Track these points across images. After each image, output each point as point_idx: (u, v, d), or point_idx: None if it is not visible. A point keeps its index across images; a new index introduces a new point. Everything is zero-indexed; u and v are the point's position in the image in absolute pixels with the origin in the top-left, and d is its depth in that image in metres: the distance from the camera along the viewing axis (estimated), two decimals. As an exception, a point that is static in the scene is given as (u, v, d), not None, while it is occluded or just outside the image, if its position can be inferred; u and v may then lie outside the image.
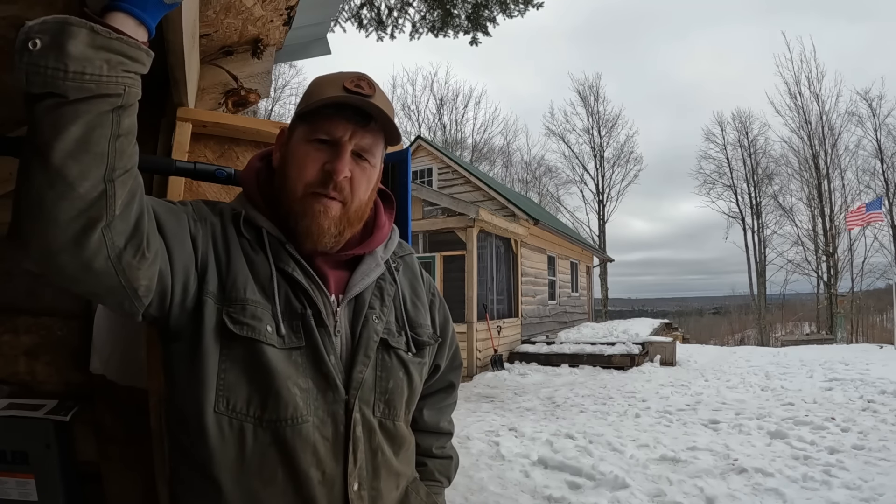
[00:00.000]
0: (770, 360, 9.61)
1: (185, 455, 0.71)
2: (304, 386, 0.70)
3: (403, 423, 0.82)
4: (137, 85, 0.55)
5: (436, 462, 0.98)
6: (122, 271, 0.56)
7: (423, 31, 5.54)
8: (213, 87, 1.60)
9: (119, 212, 0.54)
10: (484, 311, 9.09)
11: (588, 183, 27.23)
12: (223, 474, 0.67)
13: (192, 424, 0.67)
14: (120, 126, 0.53)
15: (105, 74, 0.51)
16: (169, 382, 0.72)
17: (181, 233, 0.68)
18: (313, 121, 0.74)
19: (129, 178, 0.55)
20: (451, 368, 1.02)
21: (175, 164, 1.06)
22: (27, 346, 1.19)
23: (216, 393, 0.66)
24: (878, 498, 2.99)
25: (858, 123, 20.98)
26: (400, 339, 0.81)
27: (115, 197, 0.53)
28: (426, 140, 13.17)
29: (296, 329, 0.71)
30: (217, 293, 0.69)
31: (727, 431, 4.61)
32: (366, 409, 0.74)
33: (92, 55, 0.50)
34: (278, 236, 0.75)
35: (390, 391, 0.78)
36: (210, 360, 0.67)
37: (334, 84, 0.74)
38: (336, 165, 0.72)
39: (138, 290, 0.60)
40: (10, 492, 1.06)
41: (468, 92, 39.35)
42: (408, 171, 1.38)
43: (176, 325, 0.69)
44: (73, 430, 1.12)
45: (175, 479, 0.75)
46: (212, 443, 0.66)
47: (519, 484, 3.42)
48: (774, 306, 24.36)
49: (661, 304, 41.28)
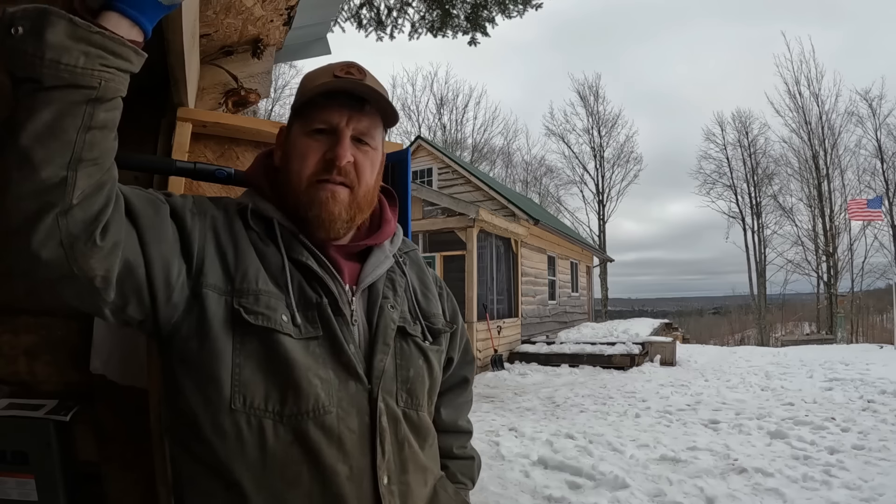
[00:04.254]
0: (770, 360, 9.61)
1: (195, 458, 0.67)
2: (324, 376, 0.67)
3: (427, 413, 0.80)
4: (118, 81, 0.55)
5: (458, 463, 0.95)
6: (75, 259, 0.54)
7: (422, 31, 5.54)
8: (213, 87, 1.60)
9: (78, 201, 0.53)
10: (484, 311, 9.09)
11: (588, 183, 27.30)
12: (244, 477, 0.64)
13: (205, 426, 0.64)
14: (93, 118, 0.54)
15: (80, 66, 0.52)
16: (170, 385, 0.69)
17: (159, 225, 0.65)
18: (308, 113, 0.74)
19: (96, 170, 0.55)
20: (465, 362, 1.01)
21: (175, 164, 1.06)
22: (27, 346, 1.18)
23: (231, 389, 0.64)
24: (878, 498, 2.99)
25: (858, 123, 21.02)
26: (416, 327, 0.81)
27: (76, 186, 0.53)
28: (426, 140, 13.18)
29: (311, 319, 0.70)
30: (223, 286, 0.67)
31: (727, 431, 4.61)
32: (389, 398, 0.72)
33: (70, 45, 0.51)
34: (290, 227, 0.74)
35: (412, 380, 0.76)
36: (223, 354, 0.65)
37: (324, 74, 0.75)
38: (337, 151, 0.72)
39: (94, 280, 0.57)
40: (10, 492, 1.06)
41: (468, 92, 39.35)
42: (408, 171, 1.37)
43: (172, 324, 0.66)
44: (73, 430, 1.12)
45: (182, 482, 0.70)
46: (229, 444, 0.64)
47: (519, 484, 3.42)
48: (774, 306, 24.36)
49: (660, 304, 41.33)
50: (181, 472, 0.70)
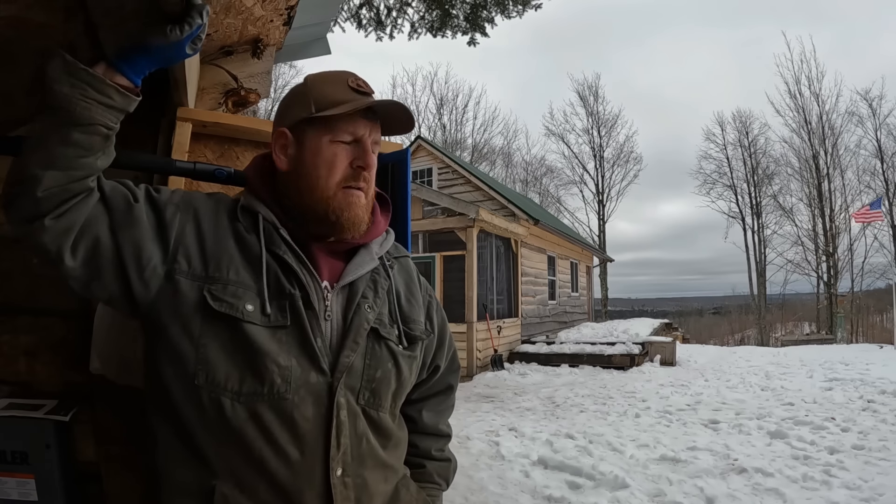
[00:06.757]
0: (770, 360, 9.61)
1: (169, 425, 0.73)
2: (284, 363, 0.72)
3: (389, 415, 0.83)
4: (97, 112, 0.67)
5: (435, 464, 0.99)
6: (31, 233, 0.67)
7: (421, 31, 5.53)
8: (213, 87, 1.60)
9: (42, 195, 0.65)
10: (484, 311, 9.09)
11: (588, 183, 27.27)
12: (207, 445, 0.70)
13: (175, 396, 0.71)
14: (68, 136, 0.66)
15: (65, 93, 0.65)
16: (149, 358, 0.75)
17: (130, 212, 0.73)
18: (335, 124, 0.79)
19: (63, 177, 0.66)
20: (451, 371, 1.05)
21: (175, 163, 1.06)
22: (27, 346, 1.19)
23: (196, 366, 0.70)
24: (878, 498, 3.00)
25: (859, 123, 21.02)
26: (392, 330, 0.83)
27: (41, 184, 0.65)
28: (426, 140, 13.17)
29: (282, 308, 0.74)
30: (197, 272, 0.73)
31: (727, 431, 4.61)
32: (350, 395, 0.76)
33: (61, 77, 0.65)
34: (272, 221, 0.79)
35: (377, 380, 0.79)
36: (190, 335, 0.71)
37: (339, 85, 0.80)
38: (367, 161, 0.80)
39: (49, 253, 0.68)
40: (10, 492, 1.06)
41: (468, 92, 39.36)
42: (408, 171, 1.37)
43: (149, 303, 0.72)
44: (73, 430, 1.12)
45: (156, 447, 0.74)
46: (194, 414, 0.70)
47: (519, 484, 3.42)
48: (774, 306, 24.36)
49: (660, 304, 41.32)
50: (156, 437, 0.74)
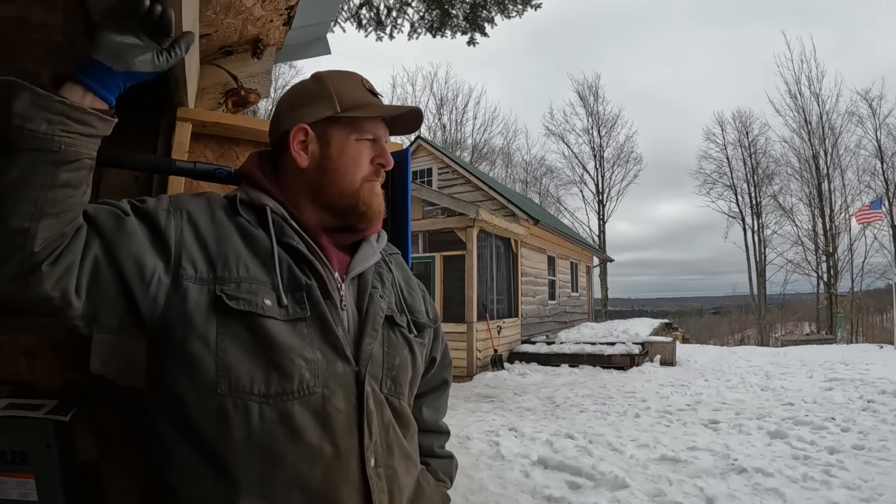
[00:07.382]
0: (770, 360, 9.61)
1: (181, 437, 0.67)
2: (310, 357, 0.69)
3: (407, 404, 0.83)
4: (81, 144, 0.60)
5: (438, 462, 0.99)
6: (29, 287, 0.59)
7: (421, 31, 5.53)
8: (213, 87, 1.60)
9: (39, 248, 0.58)
10: (484, 311, 9.09)
11: (588, 183, 27.27)
12: (230, 456, 0.65)
13: (191, 407, 0.66)
14: (55, 178, 0.59)
15: (42, 131, 0.57)
16: (155, 368, 0.70)
17: (122, 229, 0.67)
18: (359, 124, 0.82)
19: (57, 223, 0.60)
20: (444, 365, 1.06)
21: (175, 163, 1.06)
22: (27, 346, 1.18)
23: (216, 372, 0.66)
24: (878, 498, 3.00)
25: (859, 123, 21.04)
26: (402, 318, 0.85)
27: (36, 237, 0.58)
28: (426, 140, 13.16)
29: (300, 300, 0.72)
30: (205, 275, 0.69)
31: (727, 431, 4.61)
32: (374, 383, 0.75)
33: (34, 113, 0.57)
34: (281, 213, 0.78)
35: (397, 367, 0.79)
36: (206, 339, 0.67)
37: (357, 85, 0.84)
38: (387, 158, 0.84)
39: (53, 301, 0.61)
40: (10, 492, 1.06)
41: (468, 92, 39.37)
42: (408, 171, 1.37)
43: (158, 317, 0.68)
44: (73, 430, 1.12)
45: (165, 459, 0.68)
46: (216, 424, 0.65)
47: (519, 484, 3.42)
48: (774, 306, 24.36)
49: (660, 304, 41.35)
50: (165, 450, 0.68)
